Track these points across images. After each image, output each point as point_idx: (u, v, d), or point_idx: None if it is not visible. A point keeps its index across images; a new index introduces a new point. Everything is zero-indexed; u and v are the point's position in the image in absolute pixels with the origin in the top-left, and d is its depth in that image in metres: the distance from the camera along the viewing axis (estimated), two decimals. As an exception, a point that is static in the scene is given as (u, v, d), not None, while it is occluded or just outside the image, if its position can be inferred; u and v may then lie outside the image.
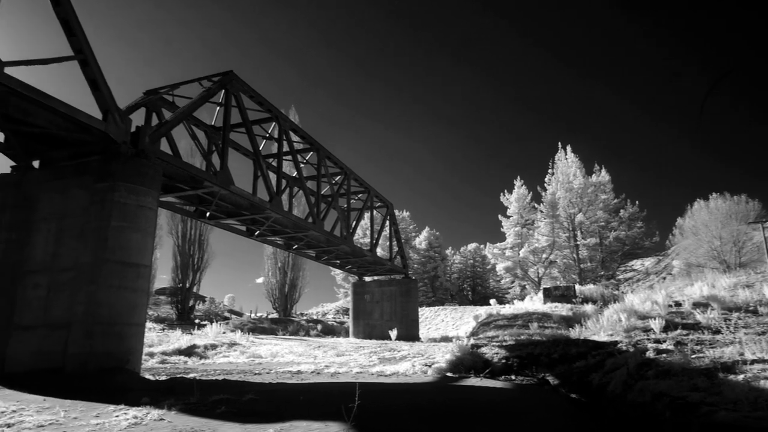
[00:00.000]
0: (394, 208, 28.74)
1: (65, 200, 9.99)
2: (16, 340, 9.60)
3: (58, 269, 9.66)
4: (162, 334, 21.40)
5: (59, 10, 8.65)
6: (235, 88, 13.62)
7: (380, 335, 26.83)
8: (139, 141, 10.26)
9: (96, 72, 9.19)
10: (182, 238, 35.55)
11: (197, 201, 15.00)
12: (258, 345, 18.10)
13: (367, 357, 13.79)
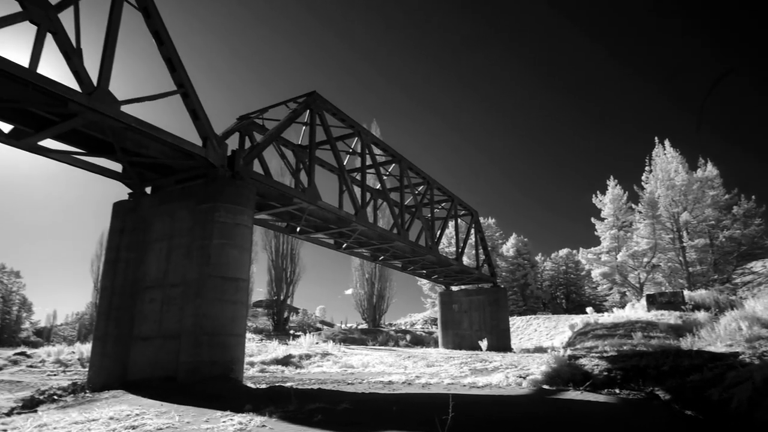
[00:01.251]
0: (479, 215, 28.22)
1: (173, 222, 10.96)
2: (136, 350, 10.63)
3: (169, 285, 10.59)
4: (260, 344, 22.62)
5: (163, 49, 9.58)
6: (319, 107, 14.20)
7: (470, 346, 26.31)
8: (235, 164, 11.02)
9: (196, 103, 10.04)
10: (275, 253, 37.49)
11: (288, 217, 15.75)
12: (349, 355, 18.51)
13: (457, 368, 13.58)
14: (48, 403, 8.51)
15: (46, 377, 15.63)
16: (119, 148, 9.64)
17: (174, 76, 9.78)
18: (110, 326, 10.92)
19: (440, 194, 23.91)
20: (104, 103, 8.21)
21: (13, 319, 61.71)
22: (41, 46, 9.13)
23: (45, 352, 22.93)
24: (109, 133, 9.16)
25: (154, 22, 9.29)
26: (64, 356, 21.11)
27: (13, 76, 7.34)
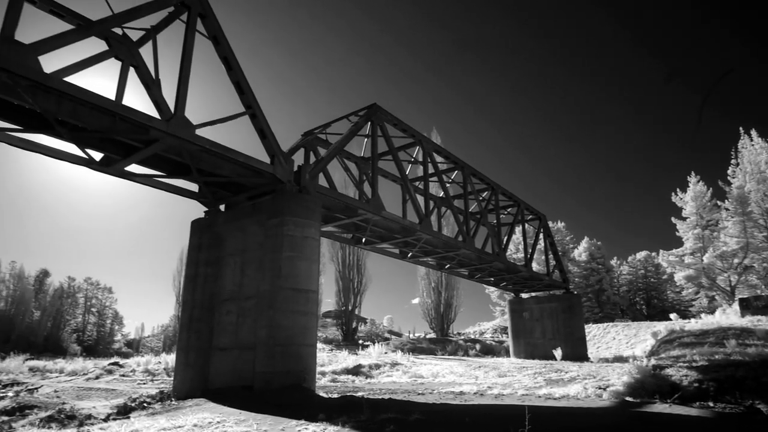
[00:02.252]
0: (547, 219, 27.27)
1: (245, 237, 11.47)
2: (216, 359, 11.17)
3: (243, 297, 11.07)
4: (331, 354, 23.04)
5: (231, 74, 10.11)
6: (380, 119, 14.38)
7: (543, 355, 25.35)
8: (301, 179, 11.38)
9: (263, 122, 10.50)
10: (342, 264, 38.17)
11: (353, 228, 16.00)
12: (419, 365, 18.41)
13: (531, 378, 13.11)
14: (139, 410, 9.13)
15: (136, 386, 16.78)
16: (195, 169, 10.25)
17: (242, 99, 10.29)
18: (192, 338, 11.56)
19: (506, 199, 23.37)
20: (181, 128, 8.78)
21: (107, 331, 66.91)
22: (125, 80, 9.93)
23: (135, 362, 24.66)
24: (186, 155, 9.77)
25: (222, 49, 9.85)
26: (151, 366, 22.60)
27: (104, 109, 8.03)
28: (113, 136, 8.93)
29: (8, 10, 6.82)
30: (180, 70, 8.97)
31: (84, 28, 7.91)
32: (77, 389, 15.83)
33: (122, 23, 8.45)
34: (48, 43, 7.17)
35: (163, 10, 8.93)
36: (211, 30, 9.70)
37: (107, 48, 9.37)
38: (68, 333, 59.75)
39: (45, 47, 7.13)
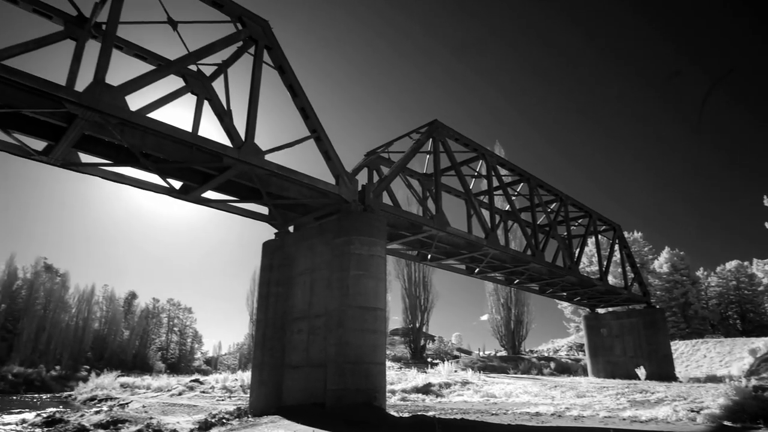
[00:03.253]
0: (622, 230, 25.84)
1: (314, 256, 11.76)
2: (288, 377, 11.44)
3: (313, 315, 11.31)
4: (399, 372, 22.92)
5: (297, 100, 10.53)
6: (441, 134, 14.36)
7: (624, 374, 23.81)
8: (366, 198, 11.55)
9: (327, 145, 10.81)
10: (408, 281, 38.09)
11: (418, 245, 15.97)
12: (490, 384, 17.88)
13: (613, 399, 12.33)
14: (218, 426, 9.51)
15: (215, 402, 17.51)
16: (265, 192, 10.70)
17: (307, 123, 10.67)
18: (266, 356, 11.93)
19: (576, 210, 22.43)
20: (251, 154, 9.23)
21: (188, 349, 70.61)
22: (200, 112, 10.62)
23: (213, 379, 25.80)
24: (256, 180, 10.23)
25: (288, 77, 10.30)
26: (228, 383, 23.54)
27: (183, 141, 8.60)
28: (191, 166, 9.53)
29: (100, 57, 7.53)
30: (249, 100, 9.46)
31: (164, 67, 8.55)
32: (162, 405, 16.76)
33: (197, 60, 9.07)
34: (133, 83, 7.82)
35: (233, 45, 9.48)
36: (276, 60, 10.18)
37: (184, 84, 10.10)
38: (154, 351, 63.62)
39: (131, 87, 7.78)
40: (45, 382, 39.77)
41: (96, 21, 9.03)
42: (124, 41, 9.89)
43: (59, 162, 8.88)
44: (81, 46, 8.84)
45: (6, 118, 7.89)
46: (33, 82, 6.84)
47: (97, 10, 8.95)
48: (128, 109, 7.70)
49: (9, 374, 38.13)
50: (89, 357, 52.53)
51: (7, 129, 8.03)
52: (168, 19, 9.10)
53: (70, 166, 9.07)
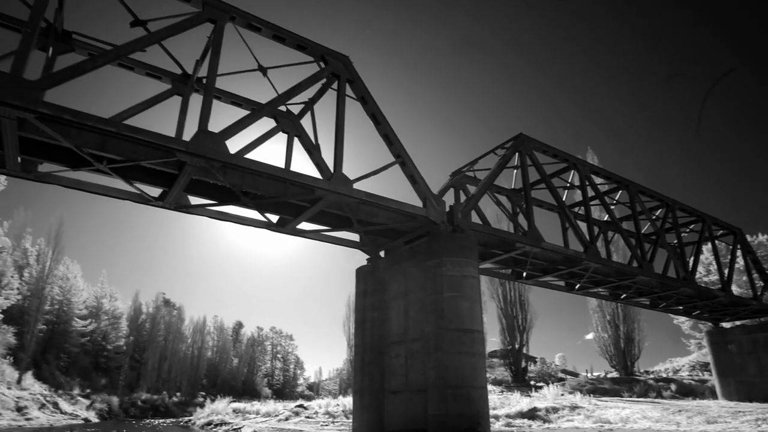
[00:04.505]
0: (744, 233, 23.17)
1: (406, 280, 11.81)
2: (389, 403, 11.45)
3: (410, 339, 11.29)
4: (501, 396, 22.04)
5: (380, 128, 10.81)
6: (528, 147, 13.95)
7: (764, 396, 20.98)
8: (454, 218, 11.46)
9: (412, 169, 10.93)
10: (504, 301, 36.89)
11: (512, 263, 15.46)
12: (602, 408, 16.60)
13: (752, 426, 10.90)
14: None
15: (320, 427, 17.93)
16: (355, 220, 11.00)
17: (391, 149, 10.88)
18: (365, 381, 12.06)
19: (686, 215, 20.51)
20: (341, 184, 9.57)
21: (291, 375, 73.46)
22: (291, 149, 11.25)
23: (317, 404, 26.49)
24: (346, 209, 10.57)
25: (370, 107, 10.63)
26: (331, 408, 24.04)
27: (277, 177, 9.15)
28: (285, 200, 10.07)
29: (202, 108, 8.29)
30: (336, 132, 9.87)
31: (257, 111, 9.21)
32: (271, 429, 17.48)
33: (286, 101, 9.67)
34: (232, 129, 8.49)
35: (318, 83, 9.99)
36: (358, 92, 10.56)
37: (275, 124, 10.79)
38: (260, 377, 66.94)
39: (230, 132, 8.46)
40: (168, 408, 43.29)
41: (197, 76, 10.00)
42: (221, 91, 10.84)
43: (173, 206, 9.81)
44: (186, 100, 9.81)
45: (128, 170, 8.90)
46: (150, 136, 7.67)
47: (198, 66, 9.92)
48: (228, 152, 8.36)
49: (138, 401, 42.02)
50: (204, 384, 56.47)
51: (129, 179, 9.04)
52: (258, 66, 9.83)
53: (182, 208, 9.98)
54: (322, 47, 10.11)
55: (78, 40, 9.36)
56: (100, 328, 47.23)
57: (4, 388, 26.20)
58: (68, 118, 7.08)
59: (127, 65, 9.84)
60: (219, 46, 8.74)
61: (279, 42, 9.84)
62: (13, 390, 26.69)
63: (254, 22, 9.34)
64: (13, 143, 7.62)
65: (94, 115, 7.29)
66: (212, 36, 8.91)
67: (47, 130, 7.36)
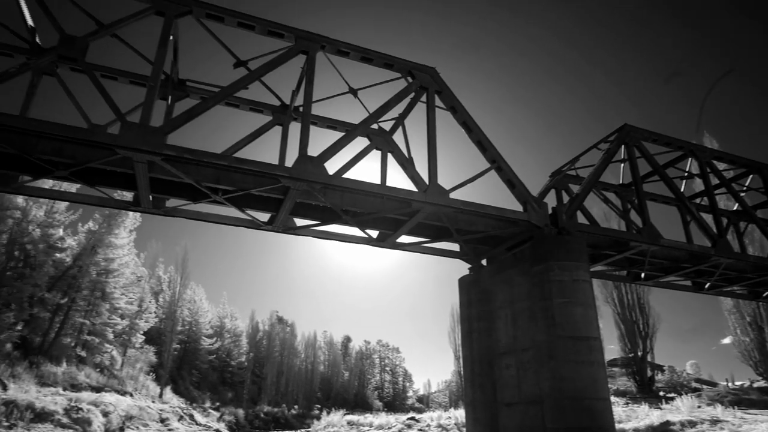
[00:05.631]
0: None
1: (511, 287, 11.43)
2: (503, 415, 11.07)
3: (520, 349, 10.86)
4: (627, 408, 20.37)
5: (472, 135, 10.67)
6: (634, 138, 12.95)
7: None
8: (558, 220, 10.92)
9: (510, 173, 10.63)
10: (620, 305, 34.30)
11: (627, 264, 14.34)
12: (751, 422, 14.70)
13: None
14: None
15: (434, 440, 17.80)
16: (454, 230, 10.91)
17: (486, 155, 10.69)
18: (476, 393, 11.80)
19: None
20: (437, 196, 9.57)
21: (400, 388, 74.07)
22: (386, 165, 11.49)
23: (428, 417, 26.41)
24: (444, 219, 10.52)
25: (461, 115, 10.55)
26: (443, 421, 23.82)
27: (374, 194, 9.39)
28: (384, 215, 10.27)
29: (301, 134, 8.78)
30: (428, 144, 9.92)
31: (351, 132, 9.55)
32: (386, 442, 17.67)
33: (377, 119, 9.91)
34: (329, 151, 8.88)
35: (406, 97, 10.14)
36: (447, 102, 10.54)
37: (369, 142, 11.10)
38: (371, 390, 68.31)
39: (328, 155, 8.85)
40: (288, 420, 45.65)
41: (294, 105, 10.63)
42: (317, 117, 11.40)
43: (281, 228, 10.45)
44: (286, 128, 10.45)
45: (240, 198, 9.66)
46: (257, 166, 8.28)
47: (294, 96, 10.55)
48: (327, 174, 8.74)
49: (261, 413, 44.81)
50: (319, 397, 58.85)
51: (242, 207, 9.79)
52: (349, 89, 10.21)
53: (289, 230, 10.59)
54: (408, 62, 10.26)
55: (191, 86, 10.42)
56: (224, 345, 51.35)
57: (149, 401, 29.32)
58: (188, 157, 7.87)
59: (233, 103, 10.75)
60: (312, 75, 9.24)
61: (366, 63, 10.16)
62: (156, 403, 29.77)
63: (343, 47, 9.75)
64: (144, 184, 8.62)
65: (208, 152, 8.04)
66: (305, 66, 9.44)
67: (171, 169, 8.23)
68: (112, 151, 7.81)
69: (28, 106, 9.05)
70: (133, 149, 7.54)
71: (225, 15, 8.92)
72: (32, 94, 9.16)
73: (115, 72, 10.05)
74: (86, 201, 9.83)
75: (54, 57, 7.95)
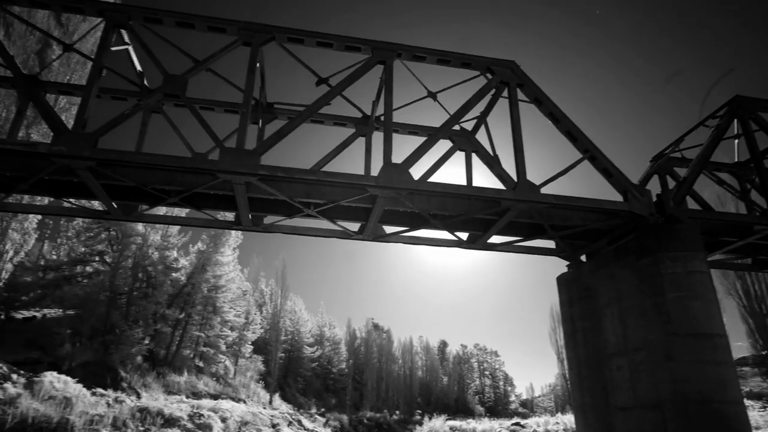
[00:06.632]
0: None
1: (616, 283, 10.69)
2: (618, 420, 10.34)
3: (631, 350, 10.11)
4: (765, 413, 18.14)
5: (560, 125, 10.18)
6: (749, 110, 11.61)
7: None
8: (665, 207, 10.08)
9: (605, 162, 9.99)
10: (746, 297, 30.81)
11: (750, 251, 12.84)
12: None
13: None
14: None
15: (542, 447, 17.07)
16: (548, 226, 10.44)
17: (577, 145, 10.14)
18: (585, 397, 11.15)
19: None
20: (526, 192, 9.23)
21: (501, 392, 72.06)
22: (470, 165, 11.31)
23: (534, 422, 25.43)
24: (537, 216, 10.11)
25: (546, 106, 10.12)
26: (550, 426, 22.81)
27: (461, 195, 9.28)
28: (472, 216, 10.10)
29: (384, 143, 8.91)
30: (513, 140, 9.61)
31: (433, 136, 9.50)
32: (492, 448, 17.25)
33: (459, 120, 9.78)
34: (413, 157, 8.92)
35: (487, 95, 9.92)
36: (531, 94, 10.17)
37: (451, 144, 11.01)
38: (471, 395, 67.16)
39: (411, 161, 8.89)
40: (390, 426, 46.15)
41: (376, 115, 10.83)
42: (398, 124, 11.52)
43: (371, 237, 10.65)
44: (369, 140, 10.67)
45: (330, 210, 10.00)
46: (345, 178, 8.53)
47: (375, 106, 10.74)
48: (413, 179, 8.78)
49: (364, 419, 45.77)
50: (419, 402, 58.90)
51: (333, 219, 10.13)
52: (428, 92, 10.21)
53: (379, 238, 10.76)
54: (486, 59, 10.05)
55: (278, 108, 11.00)
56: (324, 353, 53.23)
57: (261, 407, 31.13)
58: (281, 175, 8.30)
59: (317, 120, 11.19)
60: (391, 84, 9.36)
61: (443, 65, 10.10)
62: (267, 409, 31.53)
63: (419, 52, 9.77)
64: (244, 203, 9.22)
65: (299, 169, 8.42)
66: (383, 76, 9.59)
67: (266, 188, 8.73)
68: (213, 176, 8.46)
69: (142, 142, 10.08)
70: (232, 172, 8.10)
71: (305, 36, 9.33)
72: (144, 131, 10.21)
73: (212, 103, 10.90)
74: (195, 224, 10.73)
75: (160, 96, 8.78)
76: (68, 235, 28.86)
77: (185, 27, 9.15)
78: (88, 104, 8.20)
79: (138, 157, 8.26)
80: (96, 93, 8.58)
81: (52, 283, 26.46)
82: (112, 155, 7.93)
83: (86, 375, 19.51)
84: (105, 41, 8.68)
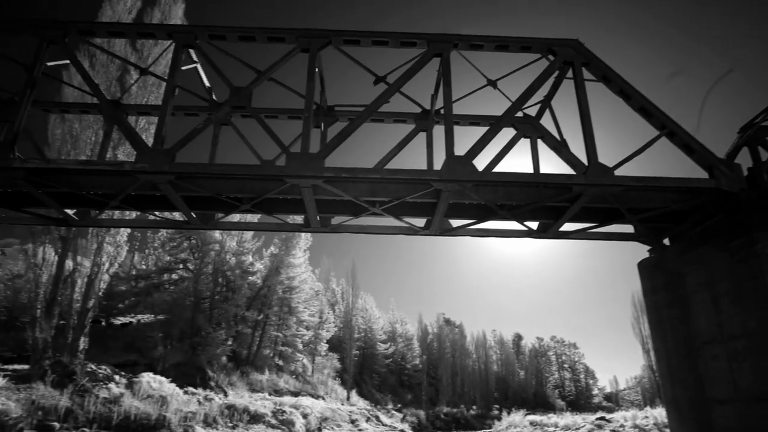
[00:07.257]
0: None
1: (705, 267, 9.92)
2: (716, 414, 9.59)
3: (727, 338, 9.34)
4: None
5: (632, 102, 9.59)
6: None
7: None
8: (757, 181, 9.23)
9: (686, 137, 9.30)
10: None
11: None
12: None
13: None
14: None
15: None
16: (625, 210, 9.88)
17: (652, 122, 9.52)
18: (676, 389, 10.46)
19: None
20: (599, 175, 8.77)
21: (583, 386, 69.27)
22: (537, 151, 10.94)
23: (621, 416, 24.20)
24: (611, 199, 9.59)
25: (616, 83, 9.56)
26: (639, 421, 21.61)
27: (529, 183, 9.00)
28: (542, 204, 9.76)
29: (446, 137, 8.81)
30: (581, 121, 9.17)
31: (495, 125, 9.27)
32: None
33: (521, 107, 9.48)
34: (477, 147, 8.75)
35: (550, 77, 9.54)
36: (598, 73, 9.65)
37: (515, 131, 10.69)
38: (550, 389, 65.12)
39: (475, 152, 8.72)
40: (468, 421, 45.78)
41: (435, 109, 10.74)
42: (458, 116, 11.35)
43: (438, 231, 10.58)
44: (430, 134, 10.61)
45: (396, 207, 10.03)
46: (408, 174, 8.54)
47: (434, 100, 10.65)
48: (477, 170, 8.62)
49: (441, 414, 45.71)
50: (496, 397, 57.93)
51: (399, 215, 10.16)
52: (488, 81, 9.96)
53: (446, 232, 10.67)
54: (547, 39, 9.65)
55: (339, 110, 11.20)
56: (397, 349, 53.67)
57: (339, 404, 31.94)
58: (345, 176, 8.45)
59: (377, 119, 11.27)
60: (449, 76, 9.24)
61: (502, 51, 9.81)
62: (345, 406, 32.29)
63: (475, 41, 9.56)
64: (312, 206, 9.48)
65: (362, 168, 8.52)
66: (440, 68, 9.48)
67: (332, 189, 8.92)
68: (282, 181, 8.76)
69: (215, 153, 10.63)
70: (298, 176, 8.35)
71: (360, 37, 9.42)
72: (216, 143, 10.77)
73: (276, 111, 11.28)
74: (267, 228, 11.19)
75: (228, 108, 9.22)
76: (155, 245, 31.14)
77: (246, 40, 9.53)
78: (164, 122, 8.76)
79: (211, 168, 8.72)
80: (171, 111, 9.15)
81: (144, 290, 28.65)
82: (189, 168, 8.43)
83: (178, 375, 20.95)
84: (175, 62, 9.22)
